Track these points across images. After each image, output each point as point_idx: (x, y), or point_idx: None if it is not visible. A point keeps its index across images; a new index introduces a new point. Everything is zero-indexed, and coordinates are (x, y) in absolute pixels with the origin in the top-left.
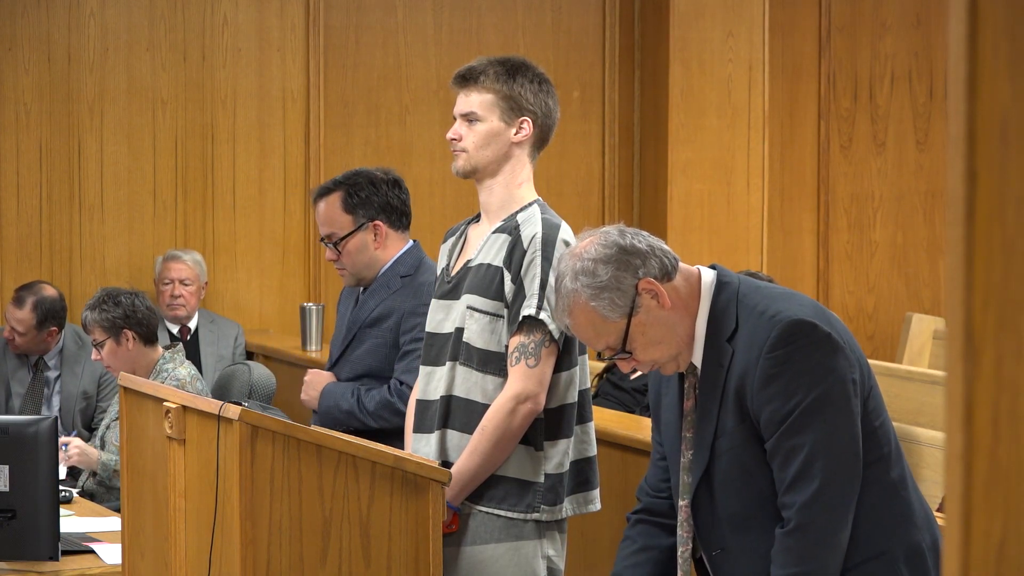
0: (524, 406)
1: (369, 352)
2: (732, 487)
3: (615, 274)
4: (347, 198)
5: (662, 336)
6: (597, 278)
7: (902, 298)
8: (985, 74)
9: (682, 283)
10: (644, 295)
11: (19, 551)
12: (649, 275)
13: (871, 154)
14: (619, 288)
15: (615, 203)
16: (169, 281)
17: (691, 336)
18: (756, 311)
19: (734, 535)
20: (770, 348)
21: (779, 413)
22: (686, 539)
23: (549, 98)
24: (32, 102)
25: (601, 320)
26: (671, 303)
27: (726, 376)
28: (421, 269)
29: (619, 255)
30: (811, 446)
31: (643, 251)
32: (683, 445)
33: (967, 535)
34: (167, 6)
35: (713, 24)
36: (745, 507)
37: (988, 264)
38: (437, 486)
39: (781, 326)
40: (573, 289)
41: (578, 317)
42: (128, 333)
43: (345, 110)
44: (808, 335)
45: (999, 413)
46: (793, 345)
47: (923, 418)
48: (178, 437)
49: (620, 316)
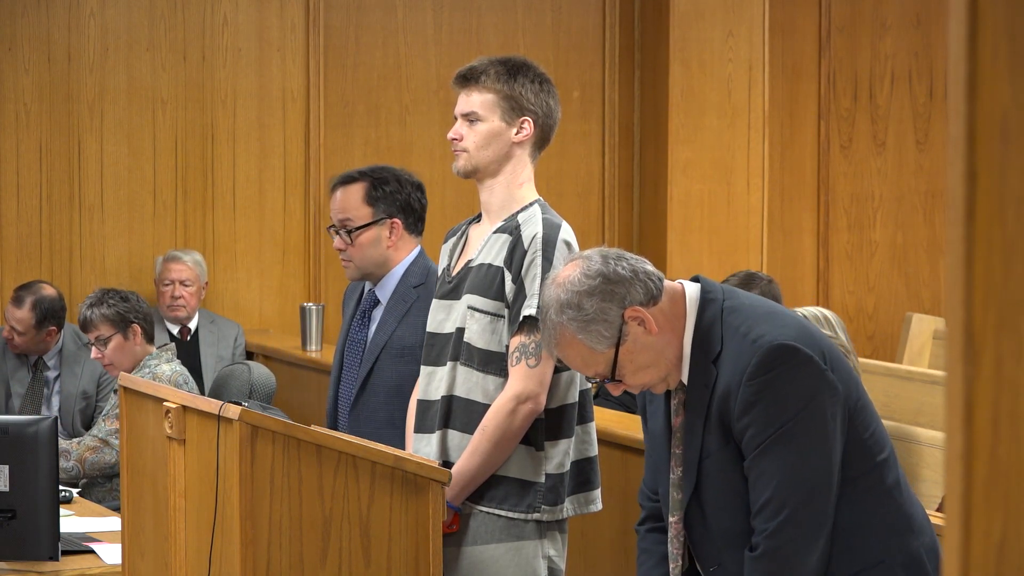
0: (525, 406)
1: (402, 376)
2: (722, 504)
3: (600, 305)
4: (371, 189)
5: (650, 360)
6: (583, 311)
7: (902, 298)
8: (985, 74)
9: (667, 304)
10: (631, 323)
11: (19, 551)
12: (634, 303)
13: (871, 154)
14: (605, 319)
15: (615, 203)
16: (169, 282)
17: (679, 356)
18: (739, 333)
19: (728, 551)
20: (751, 375)
21: (756, 439)
22: (676, 555)
23: (550, 98)
24: (32, 102)
25: (589, 351)
26: (658, 328)
27: (711, 397)
28: (431, 277)
29: (603, 285)
30: (781, 473)
31: (627, 278)
32: (672, 462)
33: (967, 535)
34: (167, 6)
35: (713, 24)
36: (737, 523)
37: (988, 264)
38: (437, 486)
39: (762, 352)
40: (559, 322)
41: (566, 350)
42: (136, 327)
43: (345, 110)
44: (788, 360)
45: (999, 413)
46: (773, 372)
47: (923, 418)
48: (178, 437)
49: (608, 347)
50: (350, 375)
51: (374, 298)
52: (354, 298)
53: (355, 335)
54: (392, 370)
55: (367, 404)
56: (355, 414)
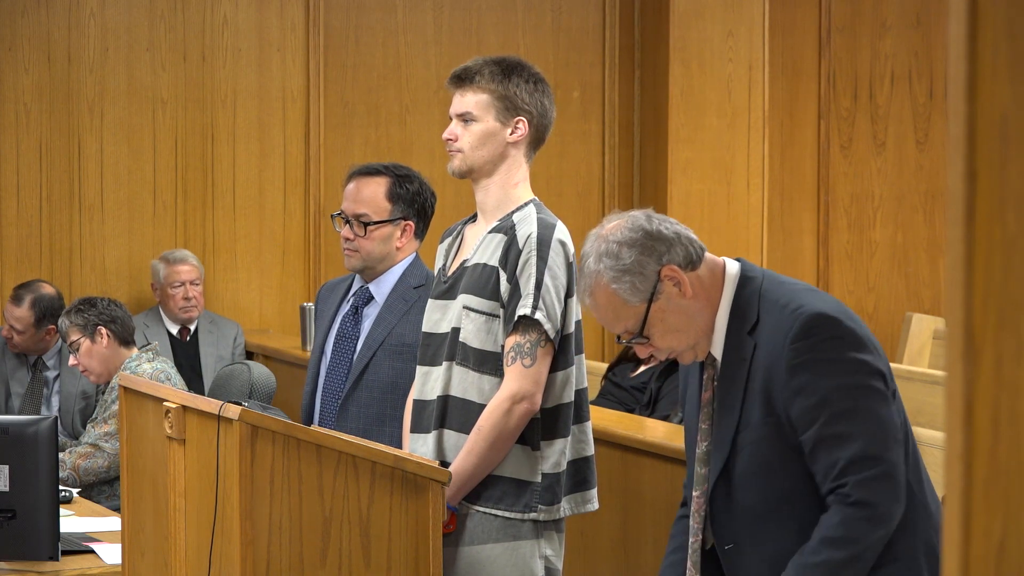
0: (520, 406)
1: (398, 373)
2: (752, 481)
3: (638, 258)
4: (394, 187)
5: (681, 324)
6: (620, 261)
7: (902, 298)
8: (985, 74)
9: (706, 273)
10: (666, 282)
11: (19, 551)
12: (673, 262)
13: (871, 154)
14: (641, 273)
15: (615, 203)
16: (180, 284)
17: (711, 327)
18: (779, 304)
19: (749, 530)
20: (793, 339)
21: (810, 403)
22: (697, 529)
23: (545, 98)
24: (32, 102)
25: (621, 303)
26: (692, 292)
27: (749, 369)
28: (429, 281)
29: (644, 240)
30: (863, 430)
31: (669, 238)
32: (699, 436)
33: (967, 535)
34: (167, 6)
35: (713, 24)
36: (763, 502)
37: (988, 264)
38: (437, 486)
39: (804, 318)
40: (596, 270)
41: (599, 298)
42: (103, 331)
43: (345, 110)
44: (831, 328)
45: (999, 413)
46: (816, 337)
47: (923, 418)
48: (178, 437)
49: (640, 301)
50: (338, 369)
51: (367, 295)
52: (334, 297)
53: (345, 330)
54: (389, 366)
55: (359, 399)
56: (345, 408)
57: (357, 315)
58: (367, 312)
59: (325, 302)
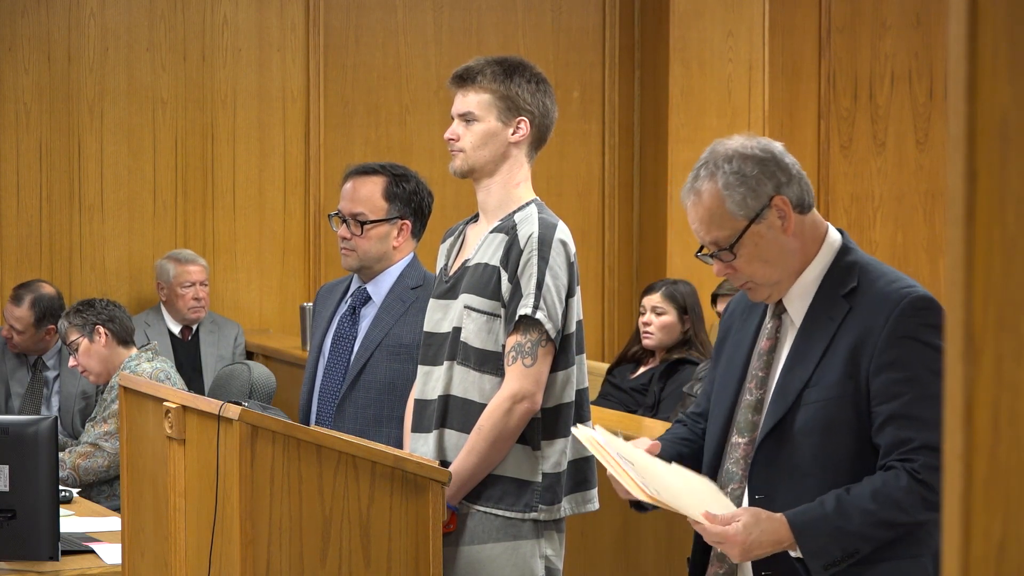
0: (520, 406)
1: (396, 374)
2: (808, 439)
3: (758, 176)
4: (391, 186)
5: (772, 257)
6: (740, 171)
7: None
8: (985, 74)
9: (810, 224)
10: (774, 210)
11: (19, 551)
12: (787, 195)
13: (871, 154)
14: (755, 190)
15: (615, 203)
16: (190, 284)
17: (797, 273)
18: (886, 278)
19: (787, 484)
20: (901, 313)
21: (899, 377)
22: (741, 476)
23: (546, 98)
24: (32, 102)
25: (723, 211)
26: (793, 233)
27: (837, 330)
28: (428, 281)
29: (772, 162)
30: (938, 422)
31: (792, 173)
32: (751, 383)
33: (967, 535)
34: (167, 6)
35: (713, 24)
36: (812, 461)
37: (988, 264)
38: (437, 486)
39: (915, 296)
40: (712, 171)
41: (703, 197)
42: (101, 330)
43: (345, 110)
44: (938, 316)
45: (999, 413)
46: (922, 319)
47: None
48: (178, 437)
49: (744, 216)
50: (335, 370)
51: (365, 295)
52: (332, 297)
53: (343, 331)
54: (386, 367)
55: (356, 399)
56: (342, 408)
57: (355, 315)
58: (364, 312)
59: (323, 303)
